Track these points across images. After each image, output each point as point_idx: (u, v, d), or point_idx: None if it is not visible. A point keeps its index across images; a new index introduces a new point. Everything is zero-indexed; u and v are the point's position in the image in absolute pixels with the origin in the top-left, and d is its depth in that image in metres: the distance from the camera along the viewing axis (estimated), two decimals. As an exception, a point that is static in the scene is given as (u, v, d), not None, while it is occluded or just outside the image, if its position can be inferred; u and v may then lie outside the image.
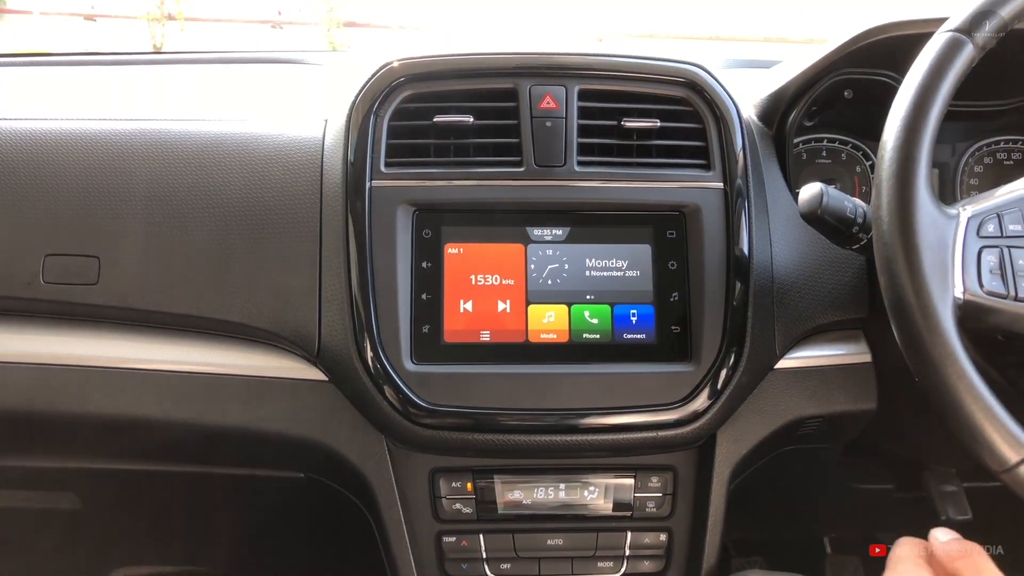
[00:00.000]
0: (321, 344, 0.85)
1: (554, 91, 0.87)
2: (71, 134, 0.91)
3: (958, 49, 0.70)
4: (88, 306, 0.87)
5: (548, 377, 0.83)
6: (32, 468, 1.09)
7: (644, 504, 0.90)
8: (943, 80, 0.69)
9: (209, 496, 1.17)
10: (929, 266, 0.66)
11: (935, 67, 0.69)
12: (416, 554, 0.89)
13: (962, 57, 0.70)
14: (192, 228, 0.87)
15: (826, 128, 1.03)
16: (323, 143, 0.90)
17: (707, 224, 0.86)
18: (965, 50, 0.70)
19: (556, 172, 0.86)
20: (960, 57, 0.70)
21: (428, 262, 0.84)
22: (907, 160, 0.68)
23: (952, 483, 0.98)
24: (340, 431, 0.87)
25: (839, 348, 0.91)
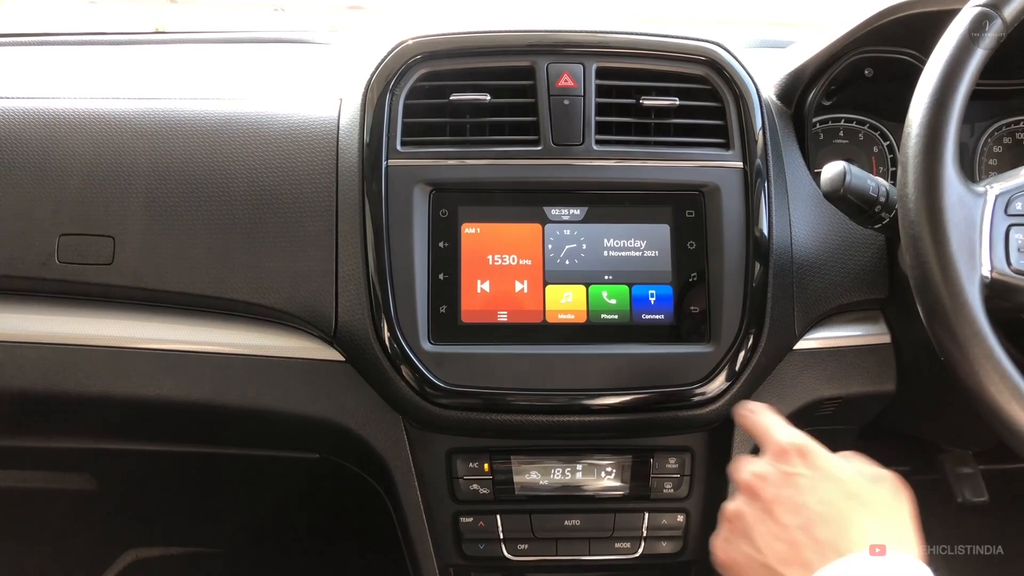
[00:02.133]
0: (338, 324, 0.84)
1: (572, 69, 0.86)
2: (84, 114, 0.90)
3: (986, 24, 0.69)
4: (103, 286, 0.86)
5: (565, 358, 0.83)
6: (47, 448, 1.09)
7: (661, 485, 0.89)
8: (971, 56, 0.68)
9: (223, 477, 1.17)
10: (956, 244, 0.65)
11: (963, 42, 0.69)
12: (433, 535, 0.89)
13: (990, 32, 0.69)
14: (206, 208, 0.86)
15: (844, 108, 1.02)
16: (338, 122, 0.89)
17: (726, 204, 0.85)
18: (994, 25, 0.69)
19: (574, 151, 0.85)
20: (988, 32, 0.69)
21: (445, 242, 0.84)
22: (934, 137, 0.67)
23: (969, 465, 0.98)
24: (357, 411, 0.87)
25: (858, 329, 0.90)
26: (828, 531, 0.58)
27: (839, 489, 0.60)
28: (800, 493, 0.60)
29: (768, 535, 0.60)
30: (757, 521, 0.61)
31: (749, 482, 0.64)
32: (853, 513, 0.59)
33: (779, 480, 0.62)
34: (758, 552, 0.60)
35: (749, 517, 0.62)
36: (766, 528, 0.60)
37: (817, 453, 0.63)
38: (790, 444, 0.65)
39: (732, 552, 0.63)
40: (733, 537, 0.63)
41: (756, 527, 0.61)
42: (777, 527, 0.60)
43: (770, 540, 0.60)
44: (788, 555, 0.58)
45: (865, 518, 0.58)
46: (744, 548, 0.62)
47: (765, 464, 0.65)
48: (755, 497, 0.63)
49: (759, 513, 0.61)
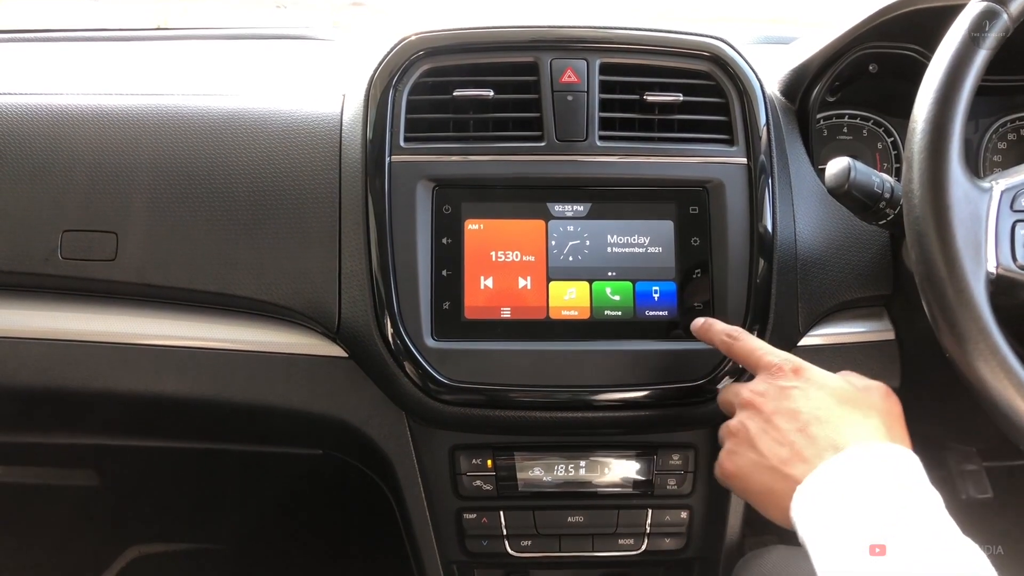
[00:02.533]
0: (341, 320, 0.84)
1: (575, 65, 0.86)
2: (87, 110, 0.90)
3: (992, 19, 0.69)
4: (106, 282, 0.86)
5: (569, 354, 0.83)
6: (50, 444, 1.09)
7: (665, 482, 0.89)
8: (977, 51, 0.68)
9: (226, 474, 1.17)
10: (962, 240, 0.65)
11: (969, 37, 0.68)
12: (437, 531, 0.89)
13: (996, 27, 0.68)
14: (209, 204, 0.86)
15: (848, 104, 1.01)
16: (341, 118, 0.89)
17: (730, 200, 0.85)
18: (999, 20, 0.69)
19: (577, 147, 0.85)
20: (994, 27, 0.68)
21: (448, 238, 0.84)
22: (940, 133, 0.67)
23: (973, 462, 0.98)
24: (360, 407, 0.87)
25: (862, 325, 0.90)
26: (824, 431, 0.63)
27: (832, 396, 0.66)
28: (796, 402, 0.66)
29: (770, 441, 0.65)
30: (759, 431, 0.67)
31: (749, 399, 0.69)
32: (846, 415, 0.64)
33: (776, 393, 0.67)
34: (762, 457, 0.65)
35: (752, 428, 0.67)
36: (767, 436, 0.66)
37: (809, 367, 0.69)
38: (783, 361, 0.70)
39: (737, 461, 0.68)
40: (738, 448, 0.68)
41: (758, 436, 0.66)
42: (777, 433, 0.65)
43: (772, 445, 0.65)
44: (789, 456, 0.63)
45: (857, 418, 0.64)
46: (749, 455, 0.67)
47: (761, 382, 0.70)
48: (755, 411, 0.68)
49: (760, 424, 0.67)
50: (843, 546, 0.57)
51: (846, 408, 0.65)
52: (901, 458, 0.61)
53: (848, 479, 0.60)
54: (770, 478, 0.64)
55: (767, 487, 0.65)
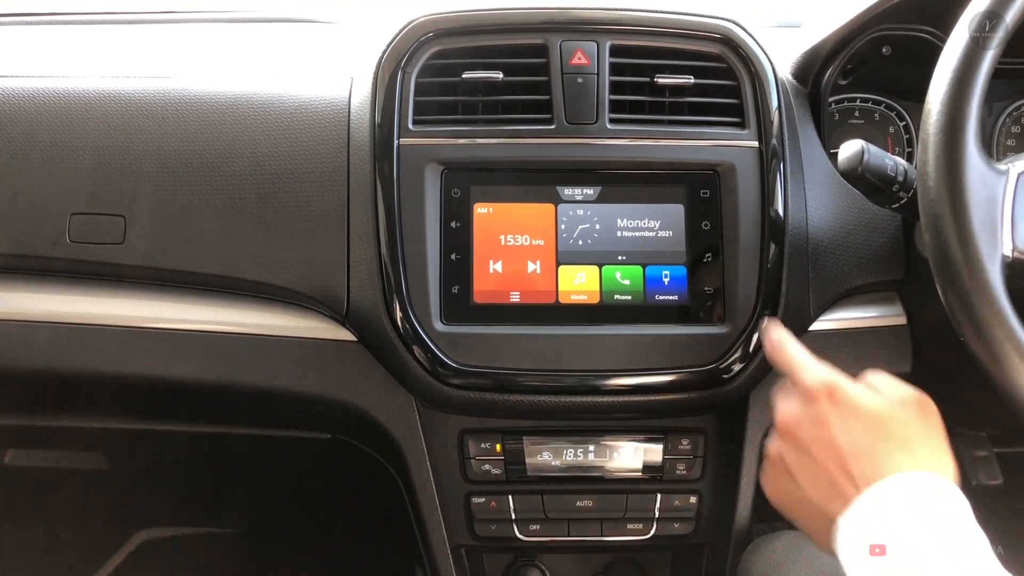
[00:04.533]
0: (350, 304, 0.84)
1: (585, 47, 0.85)
2: (94, 93, 0.90)
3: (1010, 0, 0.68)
4: (114, 265, 0.86)
5: (578, 338, 0.82)
6: (59, 428, 1.09)
7: (674, 467, 0.89)
8: (999, 27, 0.67)
9: (234, 458, 1.18)
10: (978, 223, 0.64)
11: (992, 7, 0.67)
12: (445, 515, 0.89)
13: (1015, 7, 0.67)
14: (217, 188, 0.86)
15: (859, 87, 1.01)
16: (349, 101, 0.89)
17: (741, 183, 0.84)
18: (1017, 1, 0.68)
19: (587, 130, 0.84)
20: (1013, 7, 0.67)
21: (457, 222, 0.83)
22: (956, 114, 0.66)
23: (983, 448, 0.97)
24: (369, 391, 0.87)
25: (874, 310, 0.90)
26: (860, 465, 0.61)
27: (867, 424, 0.63)
28: (831, 433, 0.63)
29: (807, 474, 0.64)
30: (796, 462, 0.65)
31: (785, 427, 0.68)
32: (883, 445, 0.62)
33: (810, 424, 0.65)
34: (800, 489, 0.64)
35: (789, 458, 0.66)
36: (805, 468, 0.64)
37: (844, 391, 0.65)
38: (818, 385, 0.67)
39: (779, 487, 0.68)
40: (777, 478, 0.68)
41: (796, 468, 0.65)
42: (815, 466, 0.64)
43: (809, 479, 0.64)
44: (827, 491, 0.62)
45: (895, 448, 0.61)
46: (788, 486, 0.66)
47: (797, 407, 0.67)
48: (792, 441, 0.66)
49: (797, 454, 0.65)
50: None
51: (882, 436, 0.62)
52: (942, 488, 0.59)
53: (888, 512, 0.58)
54: (810, 511, 0.64)
55: (808, 518, 0.65)
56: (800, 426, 0.66)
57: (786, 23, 1.17)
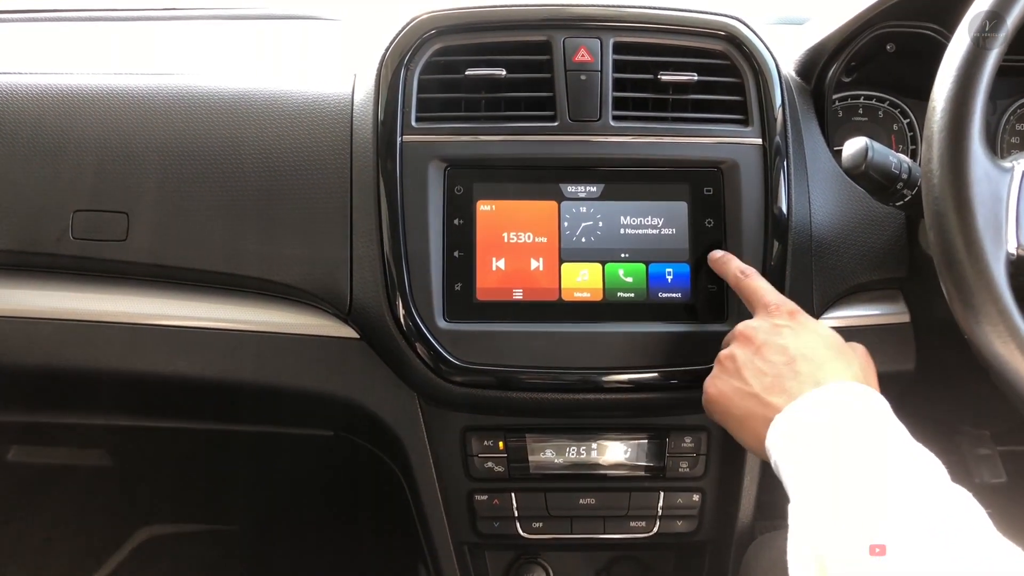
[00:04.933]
0: (353, 301, 0.84)
1: (588, 44, 0.85)
2: (97, 90, 0.90)
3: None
4: (117, 262, 0.86)
5: (581, 336, 0.82)
6: (62, 424, 1.09)
7: (677, 464, 0.89)
8: (1001, 22, 0.67)
9: (237, 455, 1.18)
10: (982, 220, 0.64)
11: (995, 7, 0.67)
12: (448, 513, 0.89)
13: (1016, 8, 0.67)
14: (220, 184, 0.86)
15: (863, 85, 1.00)
16: (352, 98, 0.88)
17: (745, 181, 0.84)
18: (1018, 3, 0.67)
19: (591, 127, 0.84)
20: (1014, 8, 0.67)
21: (460, 219, 0.83)
22: (961, 111, 0.66)
23: (986, 446, 0.97)
24: (372, 389, 0.87)
25: (877, 308, 0.89)
26: (808, 367, 0.66)
27: (820, 339, 0.70)
28: (785, 338, 0.69)
29: (755, 371, 0.69)
30: (747, 360, 0.70)
31: (742, 331, 0.73)
32: (831, 357, 0.68)
33: (769, 328, 0.71)
34: (746, 384, 0.69)
35: (740, 358, 0.71)
36: (754, 365, 0.69)
37: (802, 312, 0.73)
38: (781, 302, 0.74)
39: (721, 386, 0.71)
40: (724, 375, 0.72)
41: (746, 365, 0.70)
42: (764, 363, 0.69)
43: (757, 374, 0.68)
44: (772, 385, 0.67)
45: (841, 363, 0.67)
46: (734, 383, 0.70)
47: (757, 319, 0.74)
48: (747, 342, 0.71)
49: (749, 354, 0.70)
50: (814, 478, 0.59)
51: (832, 352, 0.68)
52: (875, 399, 0.64)
53: (826, 413, 0.62)
54: (750, 404, 0.68)
55: (746, 413, 0.68)
56: (757, 331, 0.71)
57: (790, 20, 1.17)
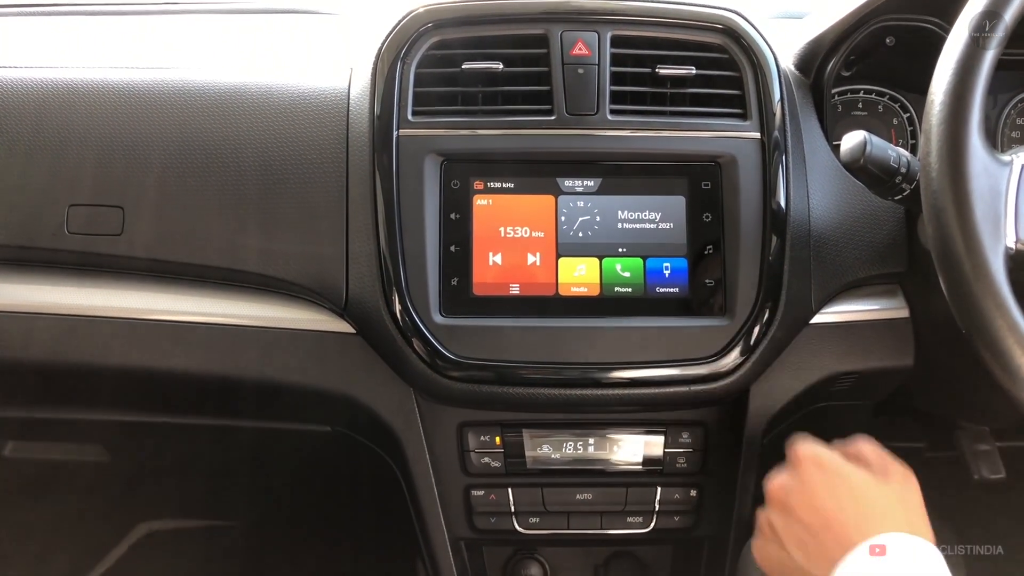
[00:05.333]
0: (348, 296, 0.84)
1: (586, 37, 0.84)
2: (92, 84, 0.89)
3: None
4: (112, 257, 0.86)
5: (578, 331, 0.82)
6: (59, 420, 1.09)
7: (674, 460, 0.89)
8: (999, 20, 0.66)
9: (234, 451, 1.18)
10: (980, 214, 0.63)
11: (991, 7, 0.66)
12: (445, 508, 0.89)
13: (1013, 6, 0.67)
14: (215, 179, 0.86)
15: (863, 79, 1.00)
16: (348, 93, 0.88)
17: (743, 175, 0.83)
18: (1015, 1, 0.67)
19: (588, 121, 0.84)
20: (1011, 6, 0.67)
21: (456, 214, 0.83)
22: (959, 104, 0.65)
23: (986, 442, 0.97)
24: (368, 384, 0.86)
25: (876, 303, 0.89)
26: (846, 528, 0.64)
27: (852, 491, 0.67)
28: (817, 498, 0.67)
29: (794, 539, 0.67)
30: (784, 527, 0.69)
31: (774, 493, 0.71)
32: (867, 510, 0.65)
33: (798, 489, 0.69)
34: (788, 556, 0.67)
35: (777, 524, 0.70)
36: (792, 533, 0.68)
37: (831, 459, 0.70)
38: (806, 453, 0.71)
39: (768, 557, 0.71)
40: (766, 544, 0.71)
41: (784, 533, 0.68)
42: (802, 531, 0.67)
43: (796, 543, 0.67)
44: (814, 553, 0.65)
45: (878, 513, 0.65)
46: (777, 553, 0.69)
47: (786, 476, 0.72)
48: (780, 506, 0.70)
49: (785, 520, 0.69)
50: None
51: (867, 503, 0.66)
52: (922, 550, 0.62)
53: (873, 570, 0.61)
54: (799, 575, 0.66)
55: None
56: (788, 493, 0.70)
57: (789, 14, 1.16)
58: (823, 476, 0.69)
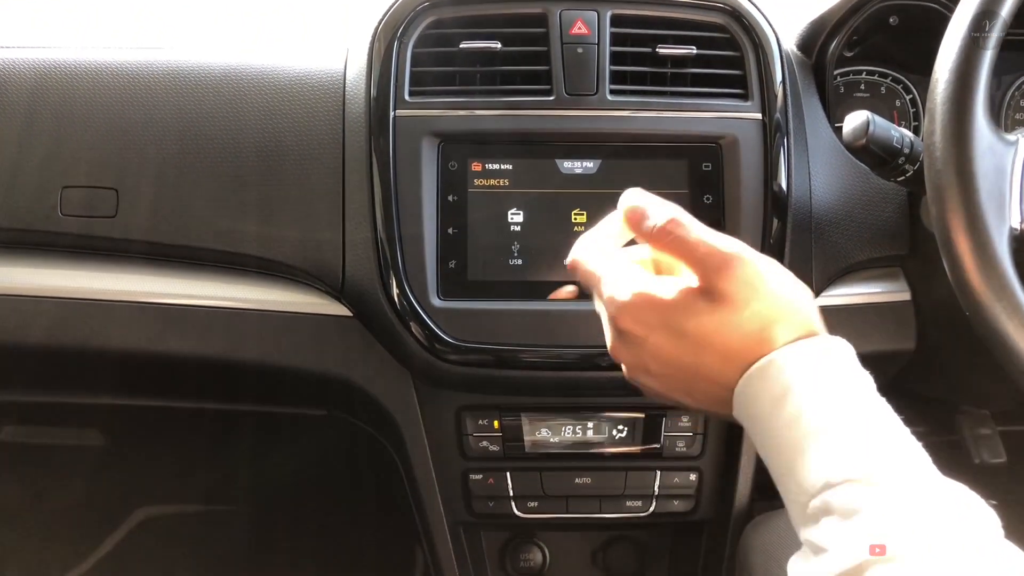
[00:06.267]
0: (345, 279, 0.83)
1: (586, 16, 0.83)
2: (84, 64, 0.88)
3: None
4: (108, 239, 0.85)
5: (576, 314, 0.81)
6: (59, 404, 1.08)
7: (674, 444, 0.88)
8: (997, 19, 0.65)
9: (234, 435, 1.17)
10: (985, 194, 0.62)
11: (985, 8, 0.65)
12: (443, 493, 0.88)
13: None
14: (210, 161, 0.85)
15: (866, 60, 0.99)
16: (345, 73, 0.87)
17: (744, 156, 0.82)
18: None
19: (587, 101, 0.83)
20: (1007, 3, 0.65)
21: (454, 196, 0.82)
22: (964, 82, 0.64)
23: (987, 426, 0.96)
24: (366, 367, 0.86)
25: (877, 286, 0.88)
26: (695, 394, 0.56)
27: (705, 341, 0.54)
28: (667, 356, 0.55)
29: (664, 379, 0.57)
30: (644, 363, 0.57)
31: (613, 349, 0.60)
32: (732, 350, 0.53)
33: (638, 350, 0.57)
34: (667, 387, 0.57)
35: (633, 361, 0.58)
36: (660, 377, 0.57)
37: (655, 312, 0.55)
38: (620, 314, 0.57)
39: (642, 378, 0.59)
40: (637, 371, 0.59)
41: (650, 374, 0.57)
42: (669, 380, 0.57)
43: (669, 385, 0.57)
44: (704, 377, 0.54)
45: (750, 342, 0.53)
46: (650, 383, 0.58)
47: (613, 330, 0.59)
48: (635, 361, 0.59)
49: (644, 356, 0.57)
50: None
51: (728, 345, 0.53)
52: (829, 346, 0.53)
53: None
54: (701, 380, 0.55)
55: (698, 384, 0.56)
56: (636, 363, 0.58)
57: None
58: (653, 335, 0.55)
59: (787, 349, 0.52)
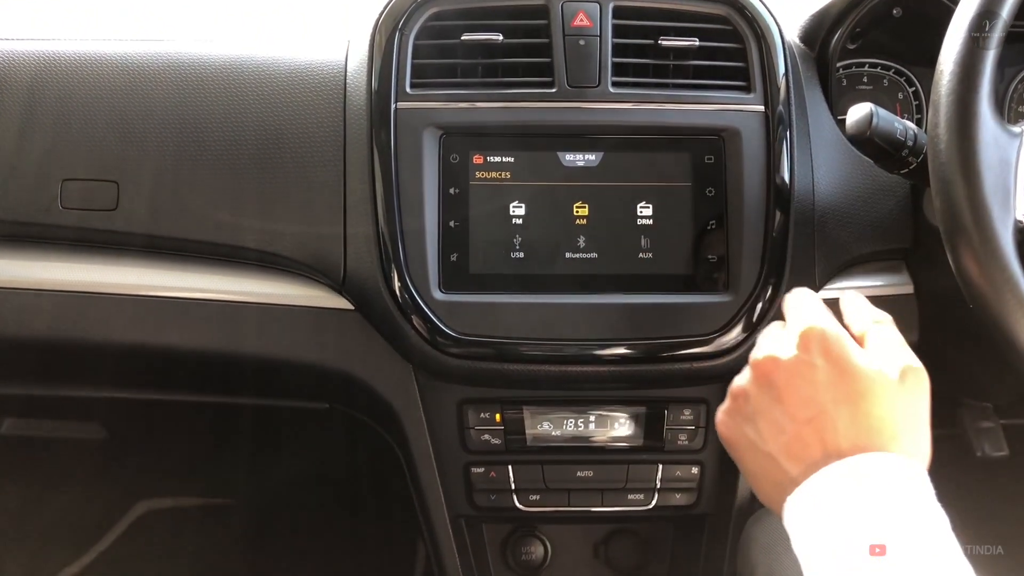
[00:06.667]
0: (347, 272, 0.83)
1: (588, 8, 0.83)
2: (84, 56, 0.88)
3: None
4: (109, 232, 0.85)
5: (579, 307, 0.81)
6: (59, 398, 1.08)
7: (676, 437, 0.88)
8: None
9: (235, 428, 1.17)
10: (990, 187, 0.62)
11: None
12: (444, 485, 0.88)
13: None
14: (211, 154, 0.84)
15: (869, 52, 0.98)
16: (346, 65, 0.87)
17: (747, 149, 0.82)
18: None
19: (589, 93, 0.82)
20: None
21: (456, 188, 0.82)
22: (969, 74, 0.64)
23: (989, 419, 0.96)
24: (367, 361, 0.86)
25: (880, 279, 0.88)
26: (835, 432, 0.55)
27: (854, 388, 0.56)
28: (814, 388, 0.56)
29: (772, 425, 0.57)
30: (761, 405, 0.58)
31: (764, 365, 0.59)
32: (863, 416, 0.55)
33: (794, 370, 0.57)
34: (760, 439, 0.58)
35: (755, 399, 0.59)
36: (769, 414, 0.57)
37: (841, 346, 0.57)
38: (815, 332, 0.58)
39: (735, 431, 0.61)
40: (737, 417, 0.61)
41: (761, 414, 0.58)
42: (781, 413, 0.57)
43: (773, 430, 0.57)
44: (792, 449, 0.56)
45: (874, 422, 0.55)
46: (747, 431, 0.59)
47: (783, 348, 0.59)
48: (766, 383, 0.59)
49: (766, 397, 0.58)
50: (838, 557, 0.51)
51: (867, 405, 0.55)
52: (909, 471, 0.53)
53: (848, 491, 0.53)
54: (764, 464, 0.58)
55: (759, 470, 0.59)
56: (778, 369, 0.58)
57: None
58: (826, 363, 0.56)
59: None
